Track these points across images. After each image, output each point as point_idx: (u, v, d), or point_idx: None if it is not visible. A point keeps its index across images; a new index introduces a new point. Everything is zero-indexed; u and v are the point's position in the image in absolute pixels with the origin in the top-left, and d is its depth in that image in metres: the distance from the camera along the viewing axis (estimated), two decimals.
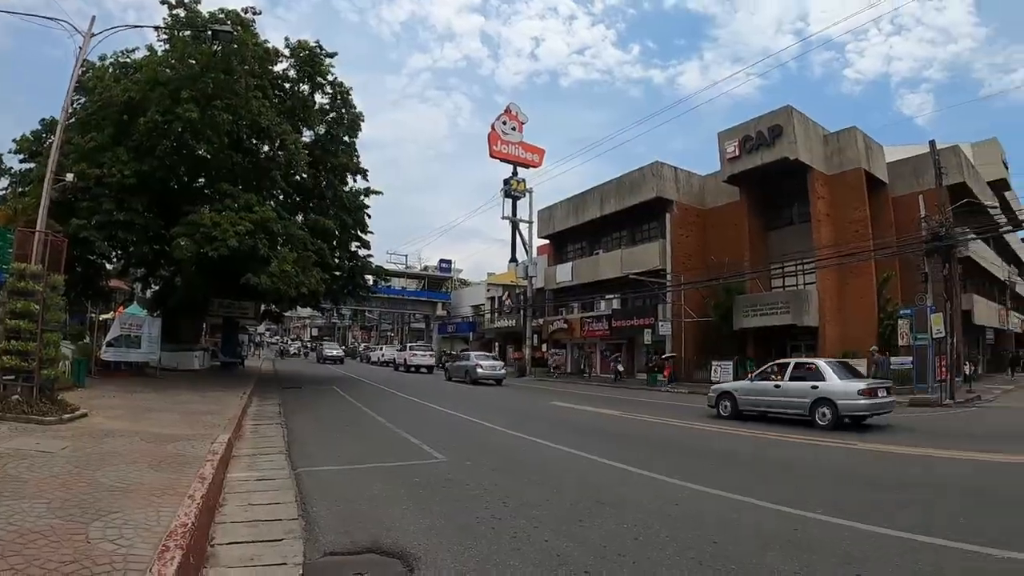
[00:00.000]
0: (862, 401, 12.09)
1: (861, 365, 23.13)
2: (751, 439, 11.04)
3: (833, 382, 12.58)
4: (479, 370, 26.62)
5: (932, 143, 22.54)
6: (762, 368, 15.94)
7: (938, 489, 6.93)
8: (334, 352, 49.00)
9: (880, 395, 12.58)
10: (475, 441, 10.18)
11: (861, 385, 12.44)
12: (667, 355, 28.64)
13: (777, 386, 13.60)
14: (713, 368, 25.57)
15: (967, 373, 24.98)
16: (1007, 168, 39.25)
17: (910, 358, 21.53)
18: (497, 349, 45.87)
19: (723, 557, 4.24)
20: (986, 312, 32.61)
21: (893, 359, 22.73)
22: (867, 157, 26.65)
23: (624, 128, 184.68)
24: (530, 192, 40.99)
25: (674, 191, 31.95)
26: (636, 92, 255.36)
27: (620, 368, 30.41)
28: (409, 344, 45.09)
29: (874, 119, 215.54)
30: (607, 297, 34.19)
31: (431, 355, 38.40)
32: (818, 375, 12.96)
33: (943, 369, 19.39)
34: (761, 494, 6.20)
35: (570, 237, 39.17)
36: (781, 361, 15.26)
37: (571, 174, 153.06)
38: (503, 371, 28.51)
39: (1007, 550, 4.40)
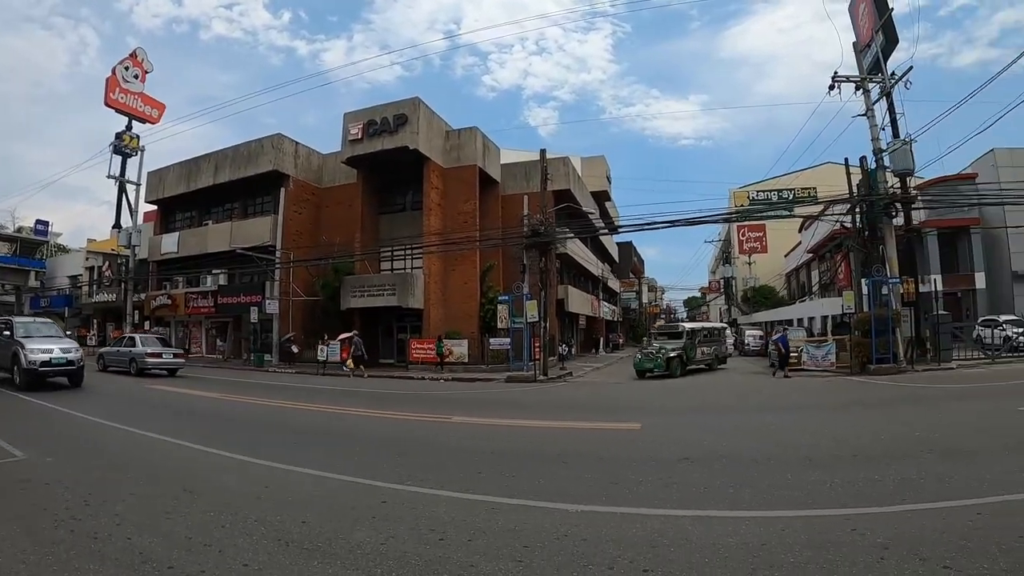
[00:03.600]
0: (149, 360, 20.28)
1: (462, 344, 25.08)
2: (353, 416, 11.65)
3: (139, 348, 20.83)
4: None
5: (543, 152, 24.87)
6: (119, 339, 24.32)
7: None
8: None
9: (164, 356, 20.80)
10: (59, 432, 9.24)
11: (151, 350, 20.70)
12: (289, 335, 28.20)
13: (119, 350, 21.74)
14: (319, 348, 25.12)
15: (562, 353, 28.72)
16: (610, 182, 47.47)
17: (508, 339, 23.86)
18: (96, 327, 38.98)
19: (312, 536, 4.23)
20: (579, 301, 37.65)
21: (493, 340, 25.09)
22: (483, 156, 29.03)
23: (255, 94, 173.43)
24: (143, 151, 35.54)
25: (292, 166, 30.84)
26: (277, 60, 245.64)
27: (295, 349, 27.90)
28: None
29: (499, 123, 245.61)
30: (214, 272, 31.88)
31: None
32: (133, 344, 21.34)
33: (537, 350, 21.77)
34: (341, 468, 6.45)
35: (180, 204, 35.18)
36: (123, 336, 25.01)
37: (190, 136, 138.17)
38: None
39: (580, 504, 4.93)
